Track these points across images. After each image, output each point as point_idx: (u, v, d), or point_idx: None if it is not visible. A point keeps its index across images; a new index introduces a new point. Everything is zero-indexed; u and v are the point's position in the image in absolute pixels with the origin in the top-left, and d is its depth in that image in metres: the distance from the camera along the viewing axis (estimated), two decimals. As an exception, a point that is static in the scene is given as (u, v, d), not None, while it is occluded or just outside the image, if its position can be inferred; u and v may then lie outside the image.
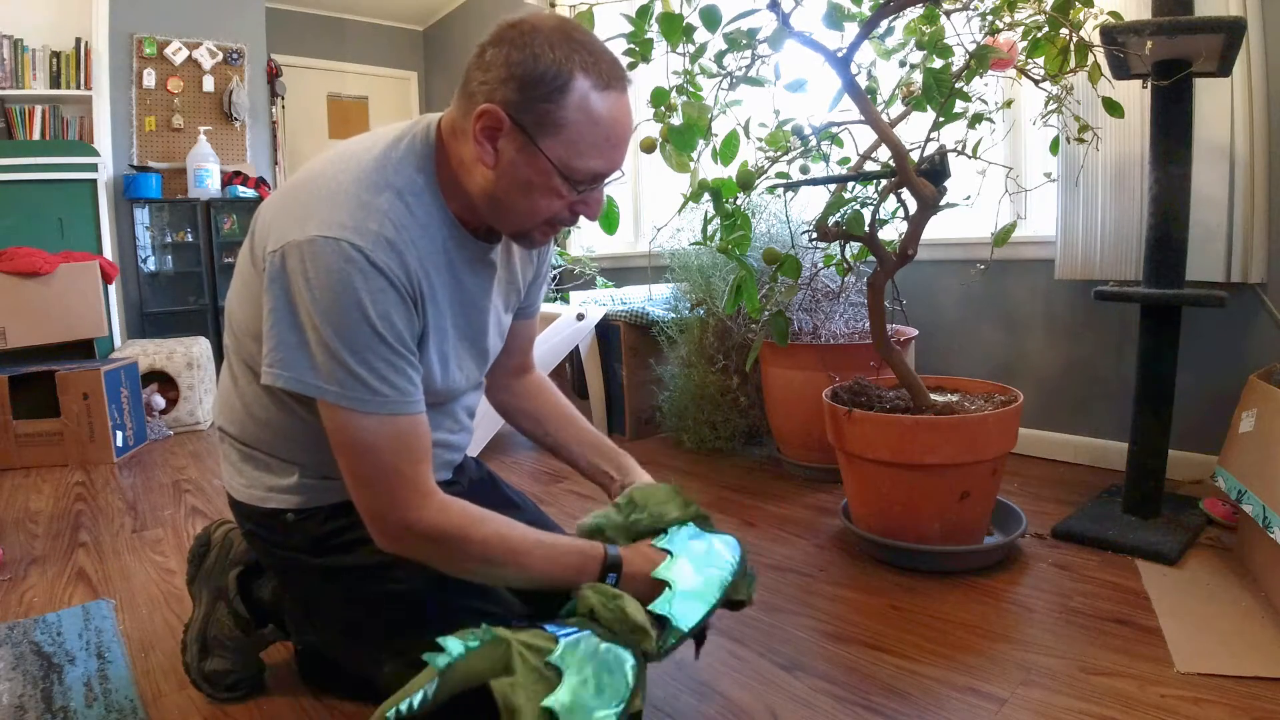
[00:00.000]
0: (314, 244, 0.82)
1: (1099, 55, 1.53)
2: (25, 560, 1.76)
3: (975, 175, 1.67)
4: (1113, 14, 1.61)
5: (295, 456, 1.01)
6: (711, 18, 1.35)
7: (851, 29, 1.43)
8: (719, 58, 1.47)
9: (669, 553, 1.00)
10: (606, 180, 0.93)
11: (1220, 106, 1.80)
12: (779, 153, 1.59)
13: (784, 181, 1.61)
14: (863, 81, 1.61)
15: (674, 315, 2.65)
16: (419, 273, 0.91)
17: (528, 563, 0.92)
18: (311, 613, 1.12)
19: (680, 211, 1.61)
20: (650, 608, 0.92)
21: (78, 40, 3.44)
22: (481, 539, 0.91)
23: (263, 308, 0.87)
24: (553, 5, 3.87)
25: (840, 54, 1.40)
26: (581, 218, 0.95)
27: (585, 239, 3.90)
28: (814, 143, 1.59)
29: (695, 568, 0.99)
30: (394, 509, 0.88)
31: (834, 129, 1.60)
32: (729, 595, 1.01)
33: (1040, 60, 1.58)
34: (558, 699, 0.79)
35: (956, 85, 1.43)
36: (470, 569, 0.93)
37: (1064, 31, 1.48)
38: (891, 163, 1.49)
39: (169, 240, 3.65)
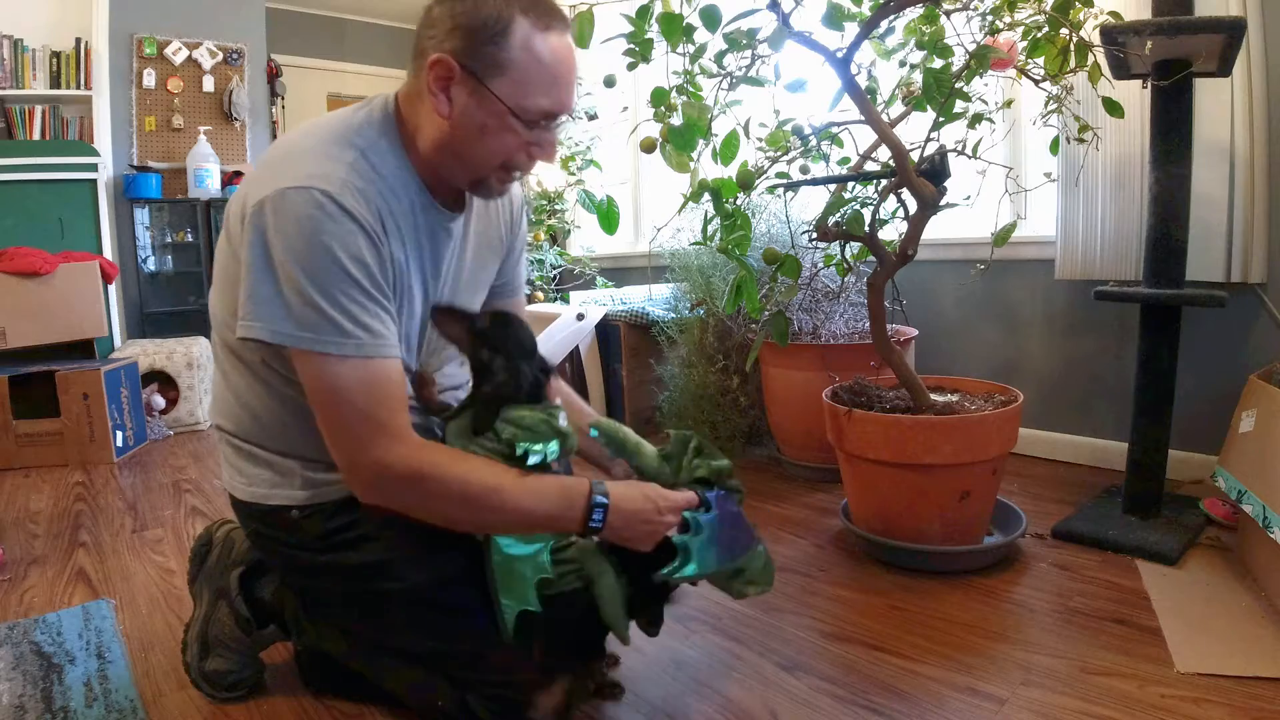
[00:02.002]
0: (284, 195, 0.85)
1: (1099, 55, 1.53)
2: (25, 560, 1.76)
3: (975, 175, 1.67)
4: (1113, 14, 1.61)
5: (293, 448, 1.01)
6: (711, 18, 1.35)
7: (851, 29, 1.43)
8: (719, 58, 1.46)
9: (707, 503, 1.03)
10: (557, 122, 0.96)
11: (1220, 106, 1.80)
12: (779, 153, 1.59)
13: (784, 181, 1.61)
14: (863, 81, 1.60)
15: (674, 315, 2.65)
16: (389, 222, 0.93)
17: (507, 499, 0.91)
18: (313, 611, 1.12)
19: (680, 211, 1.61)
20: (673, 538, 0.99)
21: (78, 40, 3.44)
22: (459, 476, 0.91)
23: (242, 279, 0.89)
24: (553, 5, 3.87)
25: (840, 54, 1.40)
26: (538, 163, 0.99)
27: (585, 239, 3.90)
28: (814, 143, 1.59)
29: (723, 532, 1.03)
30: (369, 452, 0.89)
31: (834, 129, 1.60)
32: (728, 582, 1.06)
33: (1040, 60, 1.58)
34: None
35: (956, 85, 1.43)
36: (450, 512, 0.92)
37: (1064, 31, 1.48)
38: (891, 163, 1.49)
39: (169, 240, 3.65)
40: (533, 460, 0.94)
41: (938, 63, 1.48)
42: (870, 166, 1.64)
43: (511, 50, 0.89)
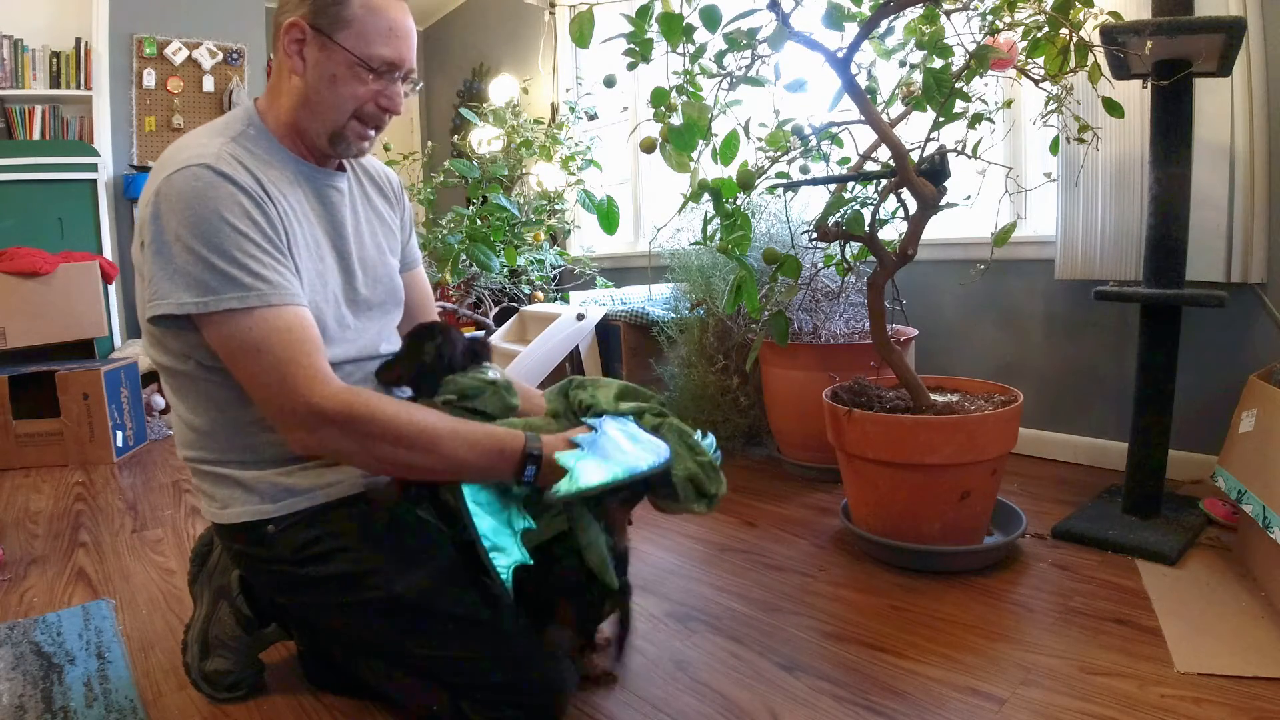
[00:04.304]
0: (169, 180, 0.92)
1: (1099, 55, 1.53)
2: (25, 560, 1.76)
3: (975, 175, 1.67)
4: (1113, 14, 1.61)
5: (249, 456, 1.03)
6: (711, 18, 1.35)
7: (851, 29, 1.43)
8: (719, 58, 1.46)
9: (592, 429, 1.03)
10: (399, 74, 1.05)
11: (1220, 106, 1.80)
12: (779, 153, 1.59)
13: (784, 181, 1.61)
14: (863, 81, 1.61)
15: (674, 315, 2.65)
16: (273, 190, 0.99)
17: (442, 445, 0.94)
18: (309, 623, 1.12)
19: (680, 211, 1.61)
20: (557, 457, 0.97)
21: (78, 40, 3.45)
22: (392, 415, 0.93)
23: (144, 268, 0.94)
24: (553, 6, 3.87)
25: (840, 54, 1.40)
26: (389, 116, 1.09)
27: (585, 239, 3.90)
28: (814, 143, 1.59)
29: (612, 446, 1.01)
30: (297, 395, 0.91)
31: (834, 129, 1.60)
32: (644, 479, 1.02)
33: (1040, 60, 1.58)
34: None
35: (956, 85, 1.43)
36: (386, 453, 0.93)
37: (1064, 31, 1.48)
38: (891, 163, 1.49)
39: (169, 240, 3.65)
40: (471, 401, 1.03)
41: (938, 63, 1.48)
42: (870, 166, 1.64)
43: (353, 8, 1.01)
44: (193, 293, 0.90)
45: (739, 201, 1.55)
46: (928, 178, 1.46)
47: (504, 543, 0.97)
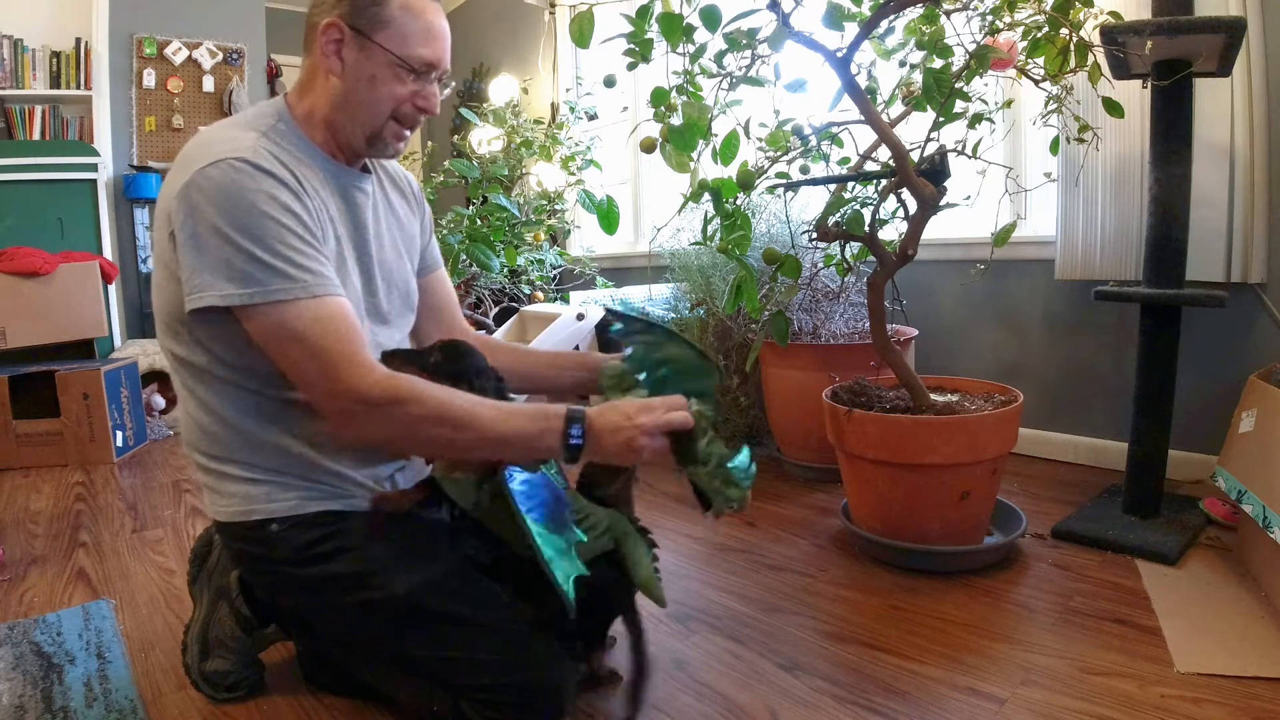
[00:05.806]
0: (203, 173, 0.91)
1: (1099, 55, 1.53)
2: (25, 560, 1.76)
3: (975, 175, 1.67)
4: (1113, 14, 1.61)
5: (257, 459, 1.02)
6: (711, 18, 1.35)
7: (851, 29, 1.43)
8: (719, 58, 1.46)
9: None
10: (435, 74, 1.06)
11: (1220, 106, 1.80)
12: (779, 153, 1.58)
13: (784, 181, 1.61)
14: (863, 81, 1.60)
15: (674, 315, 2.65)
16: (306, 184, 0.98)
17: (485, 421, 0.94)
18: (308, 625, 1.12)
19: (680, 211, 1.61)
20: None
21: (78, 40, 3.44)
22: (434, 398, 0.93)
23: (180, 260, 0.93)
24: (553, 6, 3.88)
25: (840, 54, 1.40)
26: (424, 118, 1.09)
27: (585, 239, 3.90)
28: (814, 143, 1.59)
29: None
30: (340, 382, 0.91)
31: (834, 129, 1.60)
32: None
33: (1040, 60, 1.58)
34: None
35: (956, 85, 1.43)
36: (430, 433, 0.94)
37: (1064, 31, 1.48)
38: (891, 163, 1.49)
39: (169, 240, 3.65)
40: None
41: (938, 63, 1.48)
42: (870, 166, 1.64)
43: (391, 9, 1.01)
44: (237, 284, 0.90)
45: (739, 201, 1.55)
46: (928, 178, 1.46)
47: (564, 558, 0.98)
